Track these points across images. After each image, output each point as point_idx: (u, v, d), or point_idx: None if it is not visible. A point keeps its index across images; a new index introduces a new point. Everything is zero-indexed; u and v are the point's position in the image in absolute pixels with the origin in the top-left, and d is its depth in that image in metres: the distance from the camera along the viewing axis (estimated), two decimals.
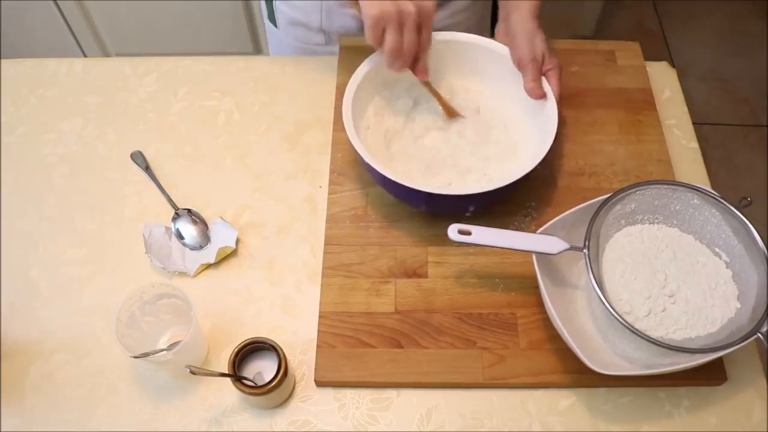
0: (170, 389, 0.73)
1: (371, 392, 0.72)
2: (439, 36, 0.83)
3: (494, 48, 0.84)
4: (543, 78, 0.80)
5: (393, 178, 0.73)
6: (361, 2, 0.73)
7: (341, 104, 0.79)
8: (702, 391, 0.73)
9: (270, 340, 0.68)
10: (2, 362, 0.74)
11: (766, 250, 0.67)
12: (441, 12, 0.85)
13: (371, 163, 0.74)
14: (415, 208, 0.82)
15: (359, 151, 0.75)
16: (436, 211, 0.81)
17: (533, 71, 0.79)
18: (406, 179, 0.73)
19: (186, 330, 0.67)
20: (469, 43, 0.85)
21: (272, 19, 1.05)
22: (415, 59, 0.77)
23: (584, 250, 0.68)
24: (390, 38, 0.73)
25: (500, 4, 0.85)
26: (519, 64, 0.81)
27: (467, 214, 0.79)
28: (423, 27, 0.75)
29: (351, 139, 0.75)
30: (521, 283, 0.77)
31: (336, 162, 0.87)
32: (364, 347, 0.73)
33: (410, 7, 0.72)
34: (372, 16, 0.71)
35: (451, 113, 0.84)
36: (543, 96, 0.79)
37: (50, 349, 0.75)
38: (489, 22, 1.10)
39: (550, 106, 0.79)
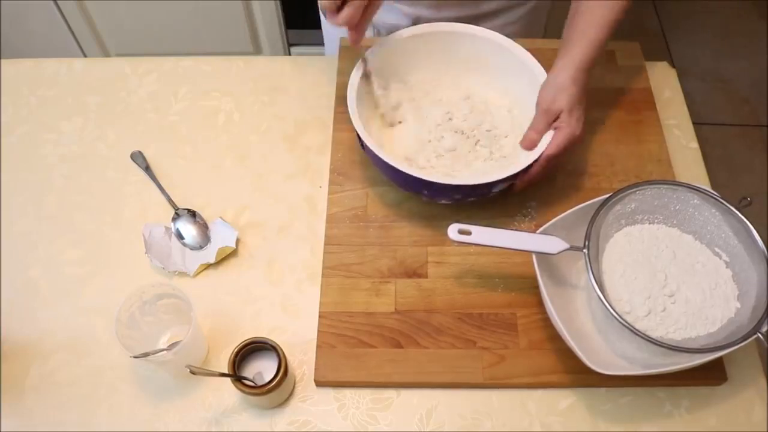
0: (170, 389, 0.73)
1: (371, 392, 0.72)
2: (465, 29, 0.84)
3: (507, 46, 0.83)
4: (550, 132, 0.76)
5: (384, 158, 0.73)
6: None
7: (342, 101, 0.79)
8: (702, 391, 0.72)
9: (270, 340, 0.68)
10: (2, 362, 0.74)
11: (766, 250, 0.67)
12: (490, 23, 0.84)
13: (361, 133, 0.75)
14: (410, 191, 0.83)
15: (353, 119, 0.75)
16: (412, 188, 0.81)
17: (540, 121, 0.77)
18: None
19: (186, 330, 0.67)
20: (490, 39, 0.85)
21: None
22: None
23: (584, 250, 0.68)
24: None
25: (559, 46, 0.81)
26: (536, 108, 0.79)
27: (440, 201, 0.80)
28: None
29: (349, 104, 0.77)
30: (521, 283, 0.77)
31: (336, 162, 0.87)
32: (364, 347, 0.73)
33: None
34: None
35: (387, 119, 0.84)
36: (531, 149, 0.76)
37: (50, 349, 0.75)
38: (541, 34, 1.08)
39: (532, 155, 0.76)
